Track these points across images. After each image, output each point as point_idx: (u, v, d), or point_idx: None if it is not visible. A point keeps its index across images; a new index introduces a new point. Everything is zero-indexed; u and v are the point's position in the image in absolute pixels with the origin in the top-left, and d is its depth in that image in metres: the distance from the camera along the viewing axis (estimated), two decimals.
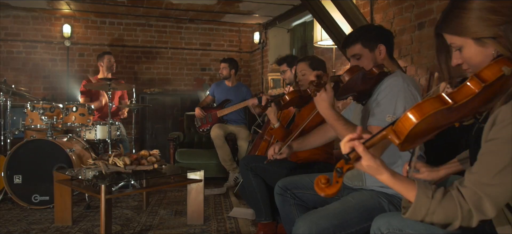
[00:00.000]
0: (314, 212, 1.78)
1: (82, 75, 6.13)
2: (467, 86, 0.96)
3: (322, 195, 1.00)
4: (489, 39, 1.04)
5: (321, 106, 1.68)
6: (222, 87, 4.97)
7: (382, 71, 1.74)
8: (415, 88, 1.73)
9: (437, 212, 0.99)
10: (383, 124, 1.62)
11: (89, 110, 4.08)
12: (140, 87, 6.40)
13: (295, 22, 6.02)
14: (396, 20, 3.53)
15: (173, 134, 5.03)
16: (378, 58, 1.84)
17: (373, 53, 1.84)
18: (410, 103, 1.67)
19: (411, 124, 0.96)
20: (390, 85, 1.71)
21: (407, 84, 1.71)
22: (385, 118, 1.65)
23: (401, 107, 1.66)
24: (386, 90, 1.71)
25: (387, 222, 1.41)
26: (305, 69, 2.75)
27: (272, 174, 2.57)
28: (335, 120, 1.67)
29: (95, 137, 4.23)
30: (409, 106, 1.66)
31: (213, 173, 4.81)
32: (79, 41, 6.24)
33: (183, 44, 6.74)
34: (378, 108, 1.70)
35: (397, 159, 1.79)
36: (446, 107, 0.95)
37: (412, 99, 1.69)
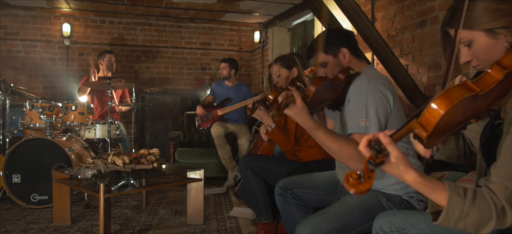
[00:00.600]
0: (315, 216, 1.76)
1: (82, 74, 6.10)
2: (489, 74, 0.93)
3: (353, 192, 0.90)
4: (502, 29, 1.00)
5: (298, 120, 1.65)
6: (223, 87, 4.95)
7: (348, 74, 1.72)
8: (383, 84, 1.69)
9: (471, 213, 0.92)
10: (361, 129, 1.61)
11: (89, 109, 4.05)
12: (140, 86, 6.39)
13: (296, 21, 6.00)
14: (397, 18, 3.51)
15: (173, 133, 5.01)
16: (343, 62, 1.81)
17: (337, 58, 1.81)
18: (380, 102, 1.65)
19: (439, 113, 0.89)
20: (357, 89, 1.69)
21: (374, 83, 1.67)
22: (359, 123, 1.63)
23: (372, 109, 1.63)
24: (355, 96, 1.68)
25: (389, 221, 1.39)
26: (278, 71, 2.77)
27: (272, 173, 2.55)
28: (315, 130, 1.63)
29: (95, 136, 4.20)
30: (379, 105, 1.65)
31: (213, 172, 4.79)
32: (78, 40, 6.22)
33: (183, 44, 6.72)
34: (351, 116, 1.67)
35: None
36: (472, 95, 0.90)
37: (381, 98, 1.66)
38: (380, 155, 0.93)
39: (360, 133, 1.62)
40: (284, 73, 2.77)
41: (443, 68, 3.03)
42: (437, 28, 3.08)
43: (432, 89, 3.13)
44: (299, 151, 2.67)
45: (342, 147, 1.60)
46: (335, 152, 1.62)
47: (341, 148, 1.60)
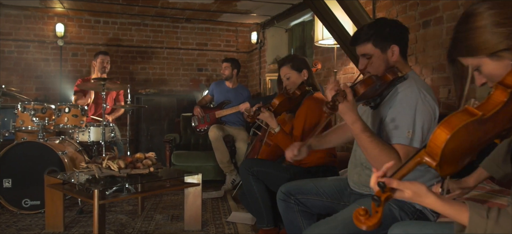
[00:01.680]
0: (322, 223, 1.67)
1: (76, 75, 5.99)
2: (493, 96, 0.95)
3: (364, 229, 0.94)
4: (504, 52, 1.02)
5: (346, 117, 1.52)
6: (222, 87, 4.85)
7: (396, 76, 1.61)
8: (430, 96, 1.62)
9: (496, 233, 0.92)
10: (406, 141, 1.54)
11: (82, 112, 3.94)
12: (135, 88, 6.27)
13: (294, 22, 5.91)
14: (399, 19, 3.43)
15: (169, 136, 4.90)
16: (390, 60, 1.69)
17: (385, 54, 1.69)
18: (428, 115, 1.58)
19: (442, 141, 0.91)
20: (406, 97, 1.59)
21: (424, 95, 1.59)
22: (405, 134, 1.55)
23: (419, 121, 1.56)
24: (403, 103, 1.59)
25: (405, 231, 1.34)
26: (289, 73, 2.65)
27: (274, 178, 2.46)
28: (361, 130, 1.52)
29: (89, 138, 4.08)
30: (426, 118, 1.57)
31: (211, 175, 4.69)
32: (72, 40, 6.10)
33: (179, 44, 6.61)
34: (395, 125, 1.58)
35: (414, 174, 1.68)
36: (475, 119, 0.92)
37: (430, 110, 1.59)
38: (386, 190, 0.97)
39: (404, 144, 1.54)
40: (294, 76, 2.65)
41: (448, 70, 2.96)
42: (441, 29, 3.01)
43: (436, 91, 3.06)
44: None
45: (384, 155, 1.51)
46: (374, 157, 1.53)
47: (382, 155, 1.51)
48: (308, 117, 2.51)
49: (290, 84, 2.63)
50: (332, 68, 4.29)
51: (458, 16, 2.75)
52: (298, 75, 2.65)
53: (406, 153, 1.53)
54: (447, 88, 2.97)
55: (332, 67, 4.30)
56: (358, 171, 1.82)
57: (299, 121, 2.53)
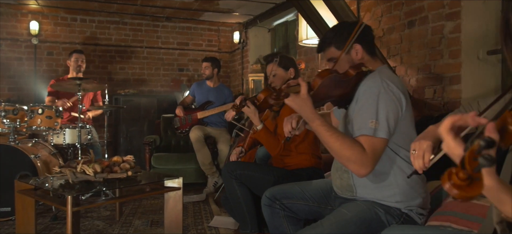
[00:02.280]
0: (308, 229, 1.61)
1: (51, 75, 5.76)
2: None
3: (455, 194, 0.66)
4: None
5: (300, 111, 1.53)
6: (204, 87, 4.74)
7: (360, 71, 1.57)
8: (396, 85, 1.56)
9: None
10: (369, 131, 1.48)
11: (57, 113, 3.77)
12: (114, 88, 6.09)
13: (277, 22, 5.84)
14: (384, 19, 3.39)
15: (149, 138, 4.75)
16: (355, 59, 1.68)
17: (348, 54, 1.68)
18: (392, 104, 1.52)
19: None
20: (368, 88, 1.55)
21: (387, 84, 1.54)
22: (368, 124, 1.49)
23: (383, 110, 1.50)
24: (365, 95, 1.55)
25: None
26: (275, 70, 2.59)
27: (258, 181, 2.37)
28: (318, 124, 1.51)
29: (64, 141, 3.91)
30: (391, 107, 1.51)
31: (192, 178, 4.57)
32: (47, 39, 5.87)
33: (160, 43, 6.45)
34: (359, 116, 1.53)
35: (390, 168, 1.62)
36: None
37: (394, 99, 1.53)
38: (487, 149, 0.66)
39: (368, 135, 1.47)
40: (280, 73, 2.58)
41: (433, 70, 2.92)
42: (426, 29, 2.98)
43: (421, 91, 3.03)
44: (288, 157, 2.50)
45: (345, 148, 1.47)
46: (336, 151, 1.49)
47: (344, 149, 1.47)
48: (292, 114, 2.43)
49: (275, 81, 2.56)
50: (316, 68, 4.23)
51: (444, 15, 2.73)
52: (284, 73, 2.58)
53: (371, 145, 1.46)
54: (432, 88, 2.94)
55: (316, 67, 4.24)
56: (340, 174, 1.75)
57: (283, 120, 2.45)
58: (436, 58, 2.89)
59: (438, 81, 2.87)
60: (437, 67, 2.89)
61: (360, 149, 1.46)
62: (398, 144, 1.60)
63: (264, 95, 2.41)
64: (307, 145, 2.49)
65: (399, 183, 1.61)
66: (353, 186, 1.69)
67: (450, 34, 2.78)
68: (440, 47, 2.86)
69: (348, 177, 1.70)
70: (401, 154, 1.61)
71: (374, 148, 1.47)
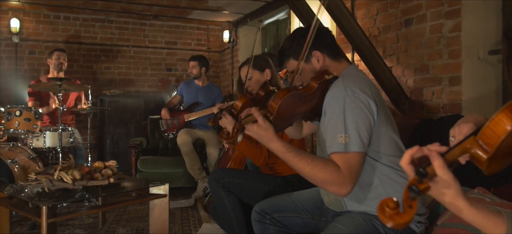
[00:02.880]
0: None
1: (33, 75, 5.54)
2: None
3: (390, 225, 0.73)
4: None
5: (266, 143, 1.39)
6: (192, 87, 4.58)
7: (323, 80, 1.42)
8: (362, 90, 1.39)
9: None
10: (340, 147, 1.32)
11: (36, 115, 3.57)
12: (99, 88, 5.88)
13: (268, 20, 5.69)
14: (379, 17, 3.27)
15: (135, 140, 4.57)
16: (317, 67, 1.53)
17: (310, 64, 1.53)
18: (361, 113, 1.36)
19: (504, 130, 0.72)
20: (332, 98, 1.40)
21: (352, 91, 1.38)
22: (337, 139, 1.33)
23: (351, 121, 1.34)
24: (331, 106, 1.40)
25: None
26: (250, 73, 2.44)
27: (248, 190, 2.21)
28: (284, 152, 1.37)
29: (44, 144, 3.72)
30: (359, 116, 1.34)
31: (180, 182, 4.40)
32: (29, 37, 5.63)
33: (147, 42, 6.26)
34: (328, 131, 1.39)
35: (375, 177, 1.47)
36: None
37: (361, 106, 1.36)
38: (425, 180, 0.75)
39: (340, 152, 1.32)
40: (255, 75, 2.43)
41: (431, 71, 2.80)
42: (424, 27, 2.86)
43: (419, 93, 2.90)
44: (276, 164, 2.35)
45: (318, 171, 1.32)
46: (309, 176, 1.34)
47: (316, 172, 1.32)
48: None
49: (252, 85, 2.41)
50: None
51: (444, 13, 2.60)
52: (260, 75, 2.43)
53: (345, 162, 1.31)
54: (431, 90, 2.82)
55: None
56: (326, 190, 1.61)
57: None
58: (435, 58, 2.77)
59: (437, 82, 2.75)
60: (436, 67, 2.77)
61: (334, 168, 1.30)
62: (378, 151, 1.44)
63: (241, 103, 2.26)
64: None
65: (388, 191, 1.47)
66: (342, 200, 1.56)
67: (450, 33, 2.66)
68: (439, 46, 2.74)
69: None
70: (383, 161, 1.46)
71: (349, 165, 1.31)
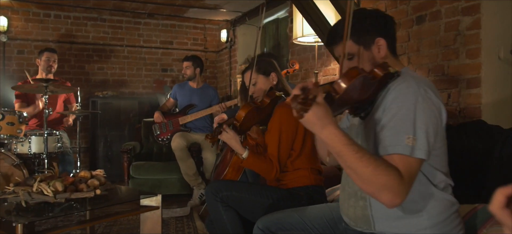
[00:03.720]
0: None
1: (21, 76, 5.29)
2: None
3: None
4: None
5: (318, 130, 1.09)
6: (186, 89, 4.35)
7: (387, 72, 1.22)
8: (435, 94, 1.22)
9: None
10: (406, 150, 1.12)
11: (20, 119, 3.33)
12: (91, 90, 5.65)
13: (267, 19, 5.47)
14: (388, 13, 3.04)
15: (128, 144, 4.33)
16: (377, 57, 1.32)
17: (369, 51, 1.32)
18: (432, 117, 1.17)
19: None
20: (401, 94, 1.19)
21: (424, 90, 1.19)
22: (404, 140, 1.13)
23: (421, 124, 1.14)
24: (398, 102, 1.18)
25: None
26: (254, 78, 2.20)
27: (248, 204, 1.99)
28: (344, 144, 1.09)
29: (29, 150, 3.48)
30: (431, 120, 1.13)
31: (175, 189, 4.17)
32: (18, 36, 5.39)
33: (142, 42, 6.02)
34: (391, 129, 1.17)
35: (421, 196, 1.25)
36: None
37: (433, 110, 1.18)
38: None
39: (404, 154, 1.11)
40: (261, 81, 2.19)
41: (447, 72, 2.59)
42: (438, 24, 2.64)
43: None
44: (283, 174, 2.12)
45: (380, 173, 1.09)
46: (367, 178, 1.10)
47: (379, 174, 1.09)
48: (283, 128, 2.05)
49: (257, 91, 2.17)
50: (312, 69, 3.87)
51: (460, 9, 2.38)
52: (265, 79, 2.19)
53: (407, 168, 1.12)
54: (446, 92, 2.60)
55: (311, 67, 3.89)
56: (353, 202, 1.39)
57: (272, 136, 2.07)
58: (451, 58, 2.55)
59: (453, 84, 2.53)
60: (452, 68, 2.55)
61: (397, 173, 1.10)
62: (433, 166, 1.24)
63: (244, 113, 2.03)
64: (304, 159, 2.11)
65: (432, 214, 1.26)
66: (371, 217, 1.33)
67: (468, 30, 2.44)
68: (455, 45, 2.52)
69: (365, 206, 1.34)
70: (436, 180, 1.26)
71: (411, 171, 1.13)
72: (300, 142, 2.08)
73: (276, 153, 2.03)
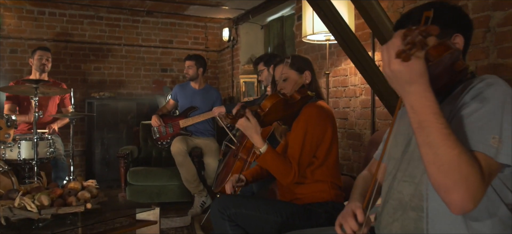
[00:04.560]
0: None
1: (15, 76, 5.06)
2: None
3: None
4: None
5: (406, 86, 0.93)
6: (187, 90, 4.12)
7: (465, 67, 1.05)
8: None
9: None
10: (490, 151, 0.95)
11: (8, 122, 3.10)
12: (87, 90, 5.41)
13: (271, 17, 5.23)
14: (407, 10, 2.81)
15: (125, 149, 4.09)
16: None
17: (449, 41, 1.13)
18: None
19: None
20: (488, 88, 1.01)
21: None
22: (489, 139, 0.96)
23: (509, 126, 0.97)
24: (483, 98, 1.00)
25: None
26: (287, 73, 1.97)
27: (259, 222, 1.75)
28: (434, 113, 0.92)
29: (19, 156, 3.24)
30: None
31: (175, 196, 3.93)
32: (10, 34, 5.15)
33: (140, 41, 5.78)
34: (473, 124, 0.99)
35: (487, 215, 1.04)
36: None
37: None
38: None
39: (488, 155, 0.94)
40: (293, 76, 1.97)
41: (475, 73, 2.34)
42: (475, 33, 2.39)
43: None
44: (300, 186, 1.88)
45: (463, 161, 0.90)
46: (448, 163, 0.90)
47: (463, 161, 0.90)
48: (309, 129, 1.82)
49: (286, 86, 1.94)
50: (321, 69, 3.63)
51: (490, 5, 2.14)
52: (298, 76, 1.98)
53: (488, 170, 0.96)
54: None
55: (320, 67, 3.65)
56: (399, 216, 1.16)
57: (296, 136, 1.83)
58: (480, 57, 2.31)
59: None
60: (481, 69, 2.31)
61: (480, 170, 0.93)
62: (505, 183, 1.03)
63: (270, 103, 1.79)
64: (326, 171, 1.88)
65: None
66: (425, 218, 1.08)
67: (499, 27, 2.21)
68: (485, 44, 2.28)
69: (419, 218, 1.10)
70: (508, 199, 1.04)
71: (490, 175, 0.96)
72: (325, 150, 1.85)
73: (298, 155, 1.79)
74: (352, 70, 3.33)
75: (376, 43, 3.08)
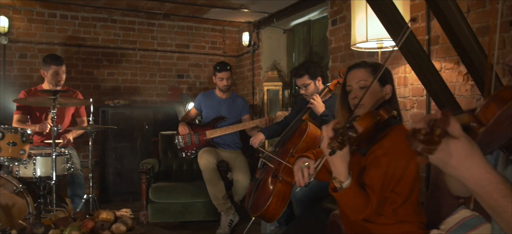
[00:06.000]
0: None
1: (24, 82, 4.77)
2: None
3: None
4: None
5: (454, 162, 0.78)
6: (213, 99, 3.82)
7: None
8: None
9: None
10: None
11: (23, 138, 2.80)
12: (100, 98, 5.12)
13: (296, 21, 4.94)
14: (472, 15, 2.52)
15: (146, 163, 3.78)
16: None
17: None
18: None
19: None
20: None
21: None
22: None
23: None
24: None
25: None
26: (366, 80, 1.65)
27: None
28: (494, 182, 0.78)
29: (34, 173, 2.95)
30: None
31: (201, 215, 3.64)
32: (20, 38, 4.86)
33: (156, 45, 5.49)
34: None
35: None
36: None
37: None
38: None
39: None
40: (374, 87, 1.62)
41: None
42: None
43: None
44: (379, 226, 1.57)
45: None
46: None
47: None
48: (393, 158, 1.51)
49: (364, 99, 1.59)
50: None
51: None
52: (380, 89, 1.65)
53: None
54: None
55: None
56: None
57: (380, 163, 1.51)
58: None
59: None
60: None
61: None
62: None
63: (365, 125, 1.48)
64: (410, 209, 1.57)
65: None
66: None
67: None
68: None
69: None
70: None
71: None
72: (410, 185, 1.55)
73: (379, 187, 1.49)
74: (401, 80, 3.04)
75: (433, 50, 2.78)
